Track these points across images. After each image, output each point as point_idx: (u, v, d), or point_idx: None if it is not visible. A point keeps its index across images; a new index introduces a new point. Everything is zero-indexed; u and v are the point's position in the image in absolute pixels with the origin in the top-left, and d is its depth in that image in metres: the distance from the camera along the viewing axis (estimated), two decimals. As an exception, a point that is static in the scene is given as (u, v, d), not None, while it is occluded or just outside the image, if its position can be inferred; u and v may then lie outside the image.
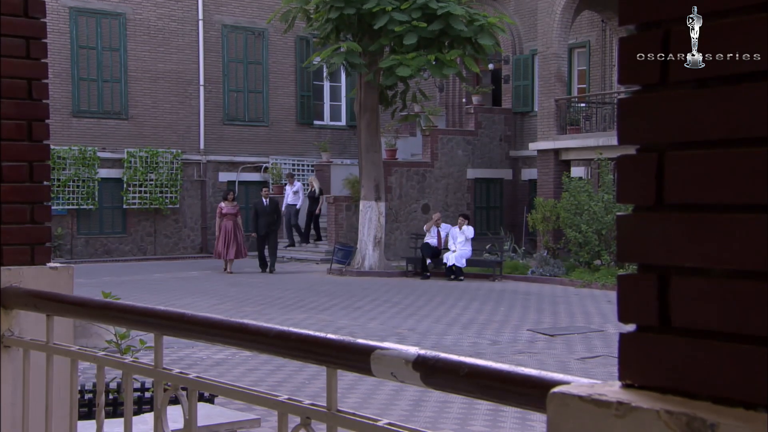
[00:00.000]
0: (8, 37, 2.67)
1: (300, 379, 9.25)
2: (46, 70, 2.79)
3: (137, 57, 25.14)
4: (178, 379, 1.97)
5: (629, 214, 1.09)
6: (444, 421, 7.70)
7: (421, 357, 1.42)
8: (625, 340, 1.11)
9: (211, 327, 1.88)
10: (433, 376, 1.40)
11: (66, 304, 2.37)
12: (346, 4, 18.75)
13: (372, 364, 1.50)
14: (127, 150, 24.77)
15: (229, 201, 20.82)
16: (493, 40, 19.31)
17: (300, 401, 1.68)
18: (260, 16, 26.46)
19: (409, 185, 24.56)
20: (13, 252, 2.70)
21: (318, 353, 1.64)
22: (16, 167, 2.71)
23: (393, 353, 1.48)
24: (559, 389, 1.09)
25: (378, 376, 1.53)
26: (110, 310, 2.18)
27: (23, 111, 2.72)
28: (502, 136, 26.52)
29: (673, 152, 1.05)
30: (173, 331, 1.99)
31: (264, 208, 21.14)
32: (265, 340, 1.73)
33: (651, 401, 1.01)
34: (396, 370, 1.46)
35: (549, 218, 20.96)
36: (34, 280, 2.66)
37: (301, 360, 1.74)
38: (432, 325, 13.07)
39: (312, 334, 1.66)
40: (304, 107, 27.68)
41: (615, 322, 13.52)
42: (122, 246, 24.92)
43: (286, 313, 14.19)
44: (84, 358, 2.31)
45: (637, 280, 1.08)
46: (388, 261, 21.52)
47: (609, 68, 24.55)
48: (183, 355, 10.46)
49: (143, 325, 2.10)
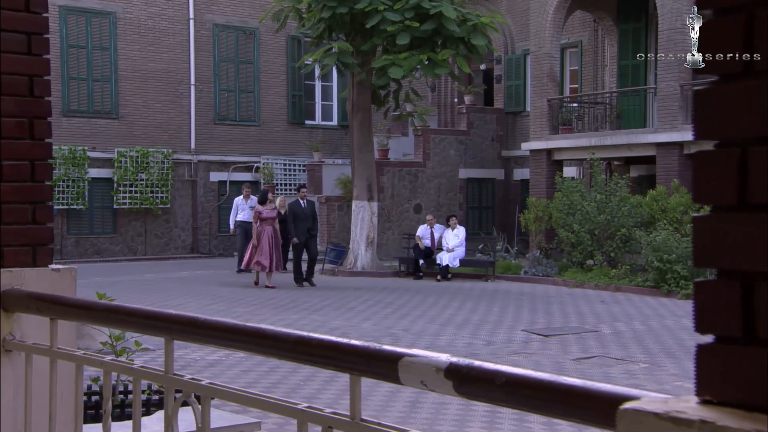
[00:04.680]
0: (9, 32, 2.59)
1: (295, 380, 9.17)
2: (48, 66, 2.70)
3: (128, 56, 25.00)
4: (191, 386, 1.90)
5: (707, 215, 1.01)
6: (441, 422, 7.64)
7: (454, 365, 1.35)
8: (703, 352, 1.03)
9: (225, 332, 1.81)
10: (467, 384, 1.33)
11: (70, 308, 2.29)
12: (338, 3, 18.66)
13: (400, 372, 1.44)
14: (118, 149, 24.63)
15: (268, 203, 18.05)
16: (485, 40, 19.26)
17: (321, 409, 1.62)
18: (251, 16, 26.35)
19: (401, 185, 24.50)
20: (14, 253, 2.62)
21: (341, 360, 1.57)
22: (17, 166, 2.62)
23: (423, 360, 1.41)
24: (630, 405, 1.01)
25: (406, 385, 1.46)
26: (118, 314, 2.11)
27: (24, 108, 2.64)
28: (494, 136, 26.48)
29: (758, 147, 0.97)
30: (185, 336, 1.92)
31: (302, 211, 18.16)
32: (284, 345, 1.66)
33: (738, 420, 0.94)
34: (426, 379, 1.39)
35: (541, 218, 20.93)
36: (36, 283, 2.58)
37: (322, 367, 1.67)
38: (426, 326, 13.01)
39: (334, 339, 1.59)
40: (296, 107, 27.59)
41: (610, 322, 13.50)
42: (112, 246, 24.78)
43: (279, 313, 14.11)
44: (90, 363, 2.24)
45: (717, 287, 1.00)
46: (381, 261, 21.45)
47: (601, 68, 24.54)
48: (176, 356, 10.32)
49: (153, 329, 2.03)
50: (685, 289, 16.26)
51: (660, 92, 20.17)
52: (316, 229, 18.56)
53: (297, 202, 18.35)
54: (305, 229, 17.97)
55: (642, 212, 18.74)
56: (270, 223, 17.71)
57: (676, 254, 16.38)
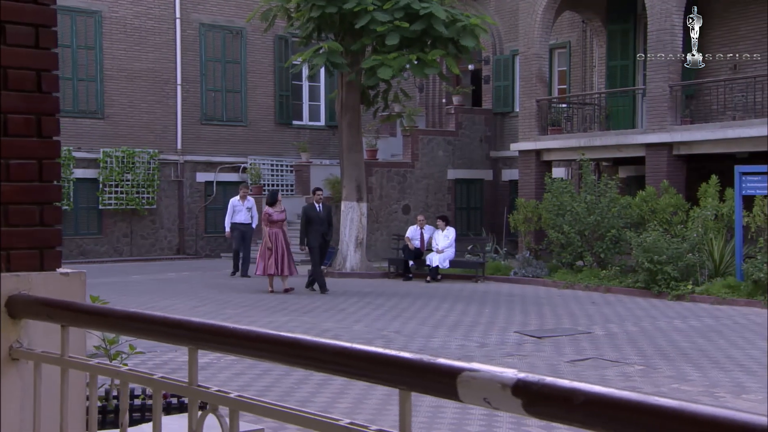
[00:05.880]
0: (15, 24, 2.45)
1: (289, 382, 9.05)
2: (56, 60, 2.56)
3: (113, 55, 24.78)
4: (217, 398, 1.78)
5: None
6: (439, 425, 7.54)
7: (522, 381, 1.24)
8: None
9: (256, 341, 1.69)
10: (539, 404, 1.22)
11: (83, 314, 2.17)
12: (327, 2, 18.53)
13: (459, 388, 1.33)
14: (103, 150, 24.41)
15: (278, 204, 17.18)
16: (475, 41, 19.18)
17: (366, 426, 1.51)
18: (238, 15, 26.19)
19: (390, 186, 24.40)
20: (21, 257, 2.48)
21: (390, 374, 1.46)
22: (24, 165, 2.48)
23: (485, 375, 1.30)
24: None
25: (466, 402, 1.35)
26: (136, 321, 1.98)
27: (32, 104, 2.50)
28: (482, 137, 26.42)
29: None
30: (210, 345, 1.81)
31: (317, 214, 17.05)
32: (324, 357, 1.55)
33: None
34: (490, 396, 1.28)
35: (531, 219, 20.87)
36: (44, 287, 2.44)
37: (367, 381, 1.56)
38: (418, 327, 12.91)
39: (381, 351, 1.48)
40: (283, 107, 27.43)
41: (602, 323, 13.43)
42: (98, 247, 24.54)
43: (269, 315, 13.97)
44: (105, 373, 2.12)
45: None
46: (369, 262, 21.34)
47: (589, 69, 24.51)
48: (167, 359, 10.23)
49: (176, 338, 1.90)
50: (676, 290, 16.22)
51: (649, 93, 20.14)
52: (330, 234, 17.44)
53: (312, 205, 17.37)
54: (319, 233, 16.96)
55: (632, 213, 18.70)
56: (279, 226, 16.90)
57: (667, 255, 16.34)
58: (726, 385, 9.16)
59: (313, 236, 16.87)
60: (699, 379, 9.48)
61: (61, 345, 2.19)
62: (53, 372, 2.31)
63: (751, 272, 15.42)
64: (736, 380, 9.40)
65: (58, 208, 2.57)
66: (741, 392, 8.86)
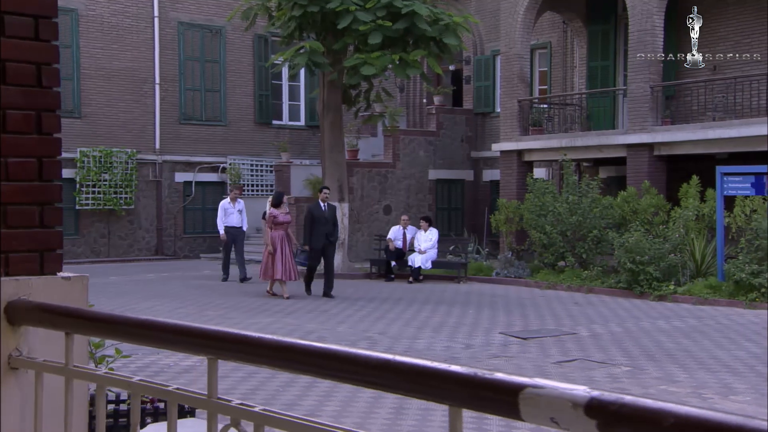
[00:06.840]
0: (13, 15, 2.31)
1: (273, 386, 8.92)
2: (57, 53, 2.42)
3: (90, 54, 24.50)
4: (240, 412, 1.66)
5: None
6: (429, 430, 7.44)
7: (597, 400, 1.13)
8: None
9: (285, 351, 1.57)
10: (618, 425, 1.11)
11: (89, 321, 2.04)
12: (309, 2, 18.38)
13: (521, 407, 1.21)
14: (80, 149, 24.12)
15: (283, 206, 16.74)
16: (458, 40, 19.11)
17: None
18: (217, 14, 25.98)
19: (371, 186, 24.27)
20: (20, 260, 2.34)
21: (441, 389, 1.35)
22: (24, 164, 2.34)
23: (552, 393, 1.19)
24: None
25: (529, 422, 1.24)
26: (150, 330, 1.85)
27: (31, 100, 2.35)
28: (463, 137, 26.37)
29: None
30: (233, 356, 1.68)
31: (322, 214, 16.38)
32: (363, 370, 1.43)
33: None
34: (558, 416, 1.17)
35: (512, 219, 20.83)
36: (45, 292, 2.30)
37: (414, 397, 1.45)
38: (402, 329, 12.80)
39: (430, 365, 1.36)
40: (263, 106, 27.23)
41: (586, 324, 13.38)
42: (74, 248, 24.24)
43: (252, 316, 13.82)
44: (114, 384, 1.99)
45: None
46: (351, 263, 21.20)
47: (570, 69, 24.52)
48: (149, 362, 10.06)
49: (195, 347, 1.78)
50: (658, 291, 16.22)
51: (630, 94, 20.15)
52: (336, 235, 16.80)
53: (317, 204, 16.63)
54: (324, 234, 16.23)
55: (613, 213, 18.70)
56: (285, 228, 16.27)
57: (649, 255, 16.34)
58: (713, 386, 9.12)
59: (316, 237, 16.22)
60: (686, 380, 9.44)
61: (66, 354, 2.06)
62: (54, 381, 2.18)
63: (732, 272, 15.44)
64: (722, 381, 9.37)
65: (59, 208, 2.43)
66: (729, 393, 8.83)
